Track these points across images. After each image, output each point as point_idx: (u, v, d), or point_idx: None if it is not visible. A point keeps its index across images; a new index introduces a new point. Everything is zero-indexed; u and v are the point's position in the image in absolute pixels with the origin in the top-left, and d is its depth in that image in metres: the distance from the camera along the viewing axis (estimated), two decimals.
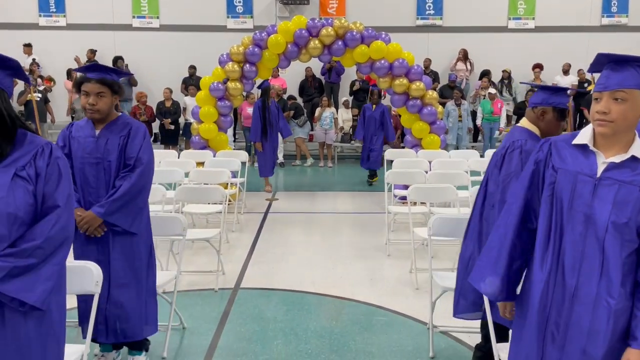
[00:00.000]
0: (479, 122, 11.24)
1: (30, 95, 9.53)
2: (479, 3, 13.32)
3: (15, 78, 2.01)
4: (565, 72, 12.46)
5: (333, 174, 10.87)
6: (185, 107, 11.35)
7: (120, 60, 12.48)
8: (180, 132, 11.49)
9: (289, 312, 4.19)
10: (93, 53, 12.74)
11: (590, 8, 13.30)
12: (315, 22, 8.03)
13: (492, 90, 11.36)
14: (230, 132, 10.71)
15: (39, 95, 11.18)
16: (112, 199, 2.95)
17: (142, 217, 3.11)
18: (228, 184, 6.30)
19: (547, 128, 2.77)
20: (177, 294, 3.62)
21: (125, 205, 2.98)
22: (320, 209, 7.77)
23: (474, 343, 3.64)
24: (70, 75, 12.03)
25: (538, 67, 12.48)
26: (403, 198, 6.49)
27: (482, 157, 7.80)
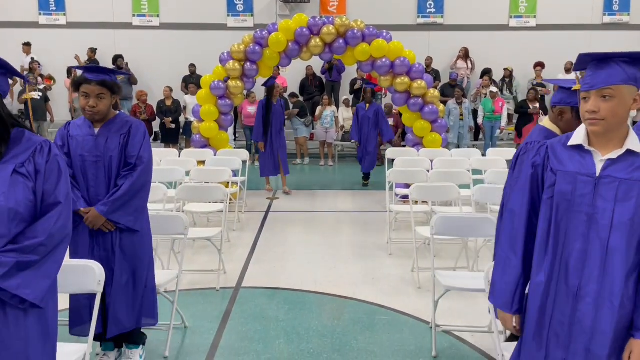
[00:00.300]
0: (480, 120, 11.21)
1: (26, 94, 9.50)
2: (480, 1, 13.28)
3: (6, 76, 1.96)
4: (568, 70, 12.41)
5: (334, 173, 10.86)
6: (186, 105, 11.35)
7: (121, 59, 12.48)
8: (181, 130, 11.48)
9: (291, 311, 4.18)
10: (93, 52, 12.74)
11: (592, 6, 13.26)
12: (317, 20, 8.01)
13: (493, 89, 11.33)
14: (231, 130, 10.69)
15: (39, 94, 11.17)
16: (114, 198, 2.99)
17: (144, 214, 3.17)
18: (229, 183, 6.29)
19: (566, 128, 2.72)
20: (178, 293, 3.62)
21: (128, 203, 3.03)
22: (322, 208, 7.75)
23: (477, 342, 3.64)
24: (71, 74, 12.01)
25: (539, 65, 12.44)
26: (405, 197, 6.48)
27: (484, 155, 7.79)
